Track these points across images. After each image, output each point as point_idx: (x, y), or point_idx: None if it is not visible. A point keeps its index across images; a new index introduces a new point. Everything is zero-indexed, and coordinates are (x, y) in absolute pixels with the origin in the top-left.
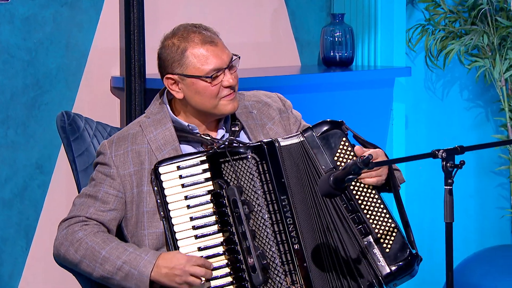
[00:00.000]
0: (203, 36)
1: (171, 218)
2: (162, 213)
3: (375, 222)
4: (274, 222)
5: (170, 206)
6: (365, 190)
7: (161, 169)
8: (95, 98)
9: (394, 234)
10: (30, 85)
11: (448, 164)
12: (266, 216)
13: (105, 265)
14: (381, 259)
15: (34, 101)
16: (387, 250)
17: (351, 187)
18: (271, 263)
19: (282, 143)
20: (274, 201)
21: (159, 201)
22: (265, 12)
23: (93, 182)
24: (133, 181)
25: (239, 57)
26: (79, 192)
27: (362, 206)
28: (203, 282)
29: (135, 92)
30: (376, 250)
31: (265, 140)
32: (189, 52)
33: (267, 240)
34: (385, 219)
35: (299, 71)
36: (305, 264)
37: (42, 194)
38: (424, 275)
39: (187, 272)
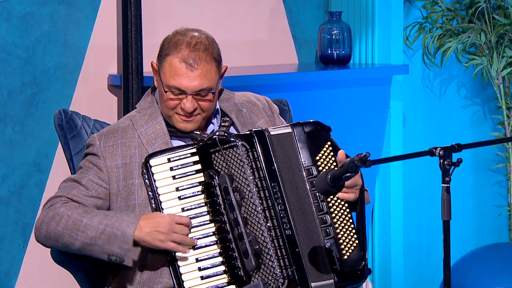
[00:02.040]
0: (188, 54)
1: (162, 209)
2: (153, 205)
3: (339, 228)
4: (266, 208)
5: (161, 198)
6: (338, 200)
7: (152, 162)
8: (93, 96)
9: (354, 245)
10: (28, 83)
11: (445, 162)
12: (258, 202)
13: (87, 232)
14: (338, 263)
15: (31, 99)
16: (345, 257)
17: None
18: (263, 248)
19: (272, 132)
20: (265, 188)
21: (150, 193)
22: (262, 10)
23: (80, 170)
24: (120, 174)
25: (213, 93)
26: None
27: (332, 210)
28: (187, 243)
29: (133, 90)
30: (335, 253)
31: (254, 129)
32: (169, 58)
33: (259, 226)
34: (349, 230)
35: (297, 69)
36: (297, 250)
37: (40, 192)
38: (421, 273)
39: (171, 230)
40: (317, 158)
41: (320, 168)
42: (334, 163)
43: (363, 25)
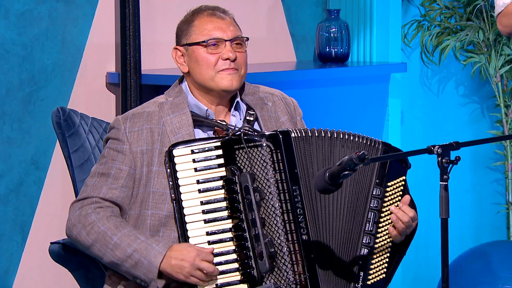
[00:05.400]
0: (212, 10)
1: (181, 201)
2: (173, 195)
3: (376, 255)
4: (284, 212)
5: (181, 189)
6: (387, 231)
7: (175, 152)
8: (91, 94)
9: (381, 276)
10: (26, 80)
11: (443, 160)
12: (277, 205)
13: (116, 251)
14: (360, 283)
15: (29, 97)
16: (369, 282)
17: (384, 219)
18: (278, 252)
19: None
20: (286, 191)
21: (171, 183)
22: (260, 8)
23: (104, 159)
24: (144, 160)
25: (247, 39)
26: (74, 188)
27: (378, 236)
28: (209, 278)
29: (131, 88)
30: (363, 274)
31: (280, 130)
32: (195, 23)
33: (276, 228)
34: (384, 261)
35: (295, 67)
36: (312, 256)
37: (38, 190)
38: (419, 271)
39: (195, 266)
40: (389, 184)
41: (387, 194)
42: (399, 198)
43: (361, 23)
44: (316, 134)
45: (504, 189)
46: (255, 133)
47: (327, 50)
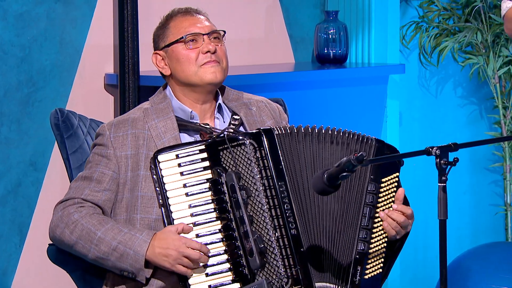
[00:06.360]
0: (186, 11)
1: (169, 205)
2: (160, 200)
3: (373, 249)
4: (272, 207)
5: (168, 194)
6: (382, 228)
7: (160, 157)
8: (89, 95)
9: (378, 271)
10: (24, 81)
11: (441, 161)
12: (264, 201)
13: (100, 246)
14: (358, 277)
15: (28, 98)
16: (366, 276)
17: (377, 215)
18: (268, 247)
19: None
20: (272, 187)
21: (158, 189)
22: (259, 9)
23: (89, 164)
24: (129, 164)
25: (225, 32)
26: None
27: (374, 230)
28: (197, 266)
29: (129, 89)
30: (360, 268)
31: (263, 128)
32: (171, 25)
33: (264, 224)
34: (380, 255)
35: (293, 68)
36: (302, 249)
37: (36, 191)
38: (418, 272)
39: (181, 254)
40: (383, 180)
41: (381, 190)
42: (393, 195)
43: (360, 25)
44: (303, 131)
45: (502, 190)
46: (239, 133)
47: (326, 51)
